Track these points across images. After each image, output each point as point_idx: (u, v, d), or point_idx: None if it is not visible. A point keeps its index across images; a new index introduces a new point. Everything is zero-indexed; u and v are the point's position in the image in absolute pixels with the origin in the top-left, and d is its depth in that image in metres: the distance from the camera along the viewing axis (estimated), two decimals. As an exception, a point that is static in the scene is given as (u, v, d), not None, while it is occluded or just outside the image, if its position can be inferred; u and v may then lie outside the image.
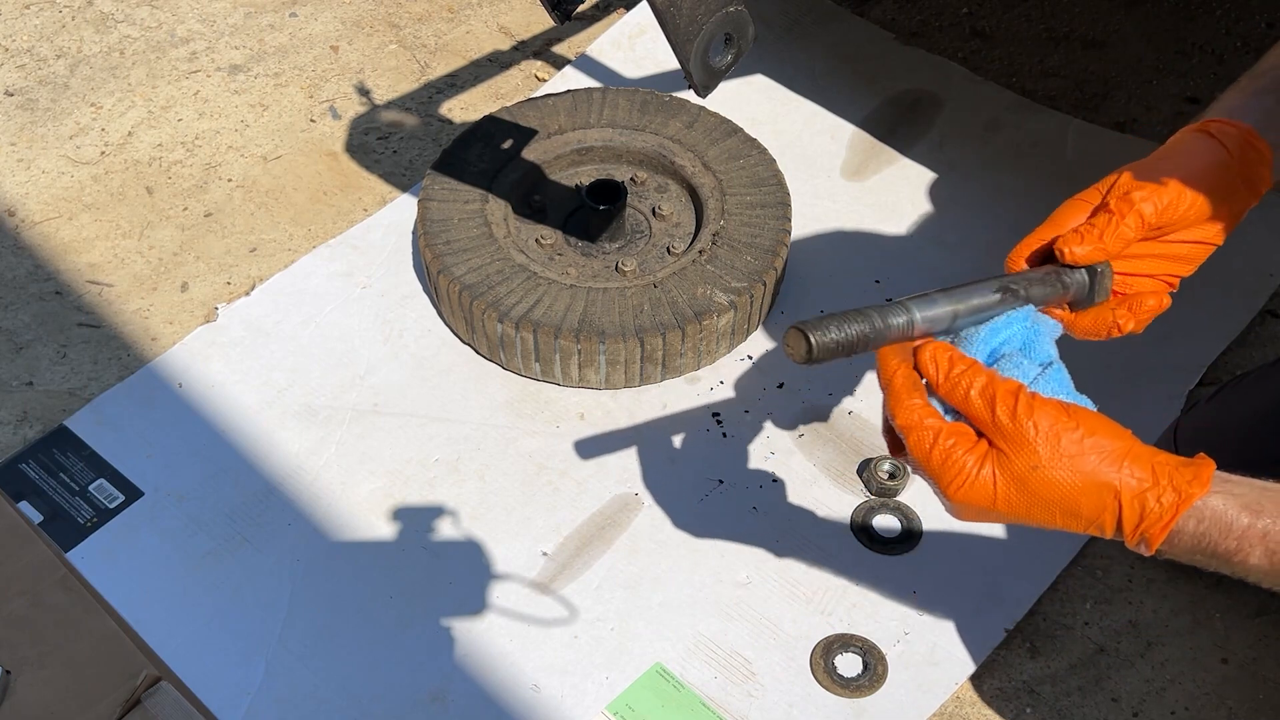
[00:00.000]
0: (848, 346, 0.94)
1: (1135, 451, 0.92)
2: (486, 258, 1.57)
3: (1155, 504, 0.90)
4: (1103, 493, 0.91)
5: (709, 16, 1.19)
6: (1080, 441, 0.91)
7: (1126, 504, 0.91)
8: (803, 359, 0.94)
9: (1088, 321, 1.08)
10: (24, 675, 0.78)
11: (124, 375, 1.59)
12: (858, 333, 0.94)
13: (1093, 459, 0.91)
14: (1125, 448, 0.92)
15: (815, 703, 1.31)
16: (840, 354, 0.94)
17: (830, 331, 0.94)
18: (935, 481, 0.94)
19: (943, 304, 0.98)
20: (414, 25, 2.09)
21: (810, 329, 0.93)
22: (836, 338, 0.94)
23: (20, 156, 1.87)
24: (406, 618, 1.38)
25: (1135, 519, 0.91)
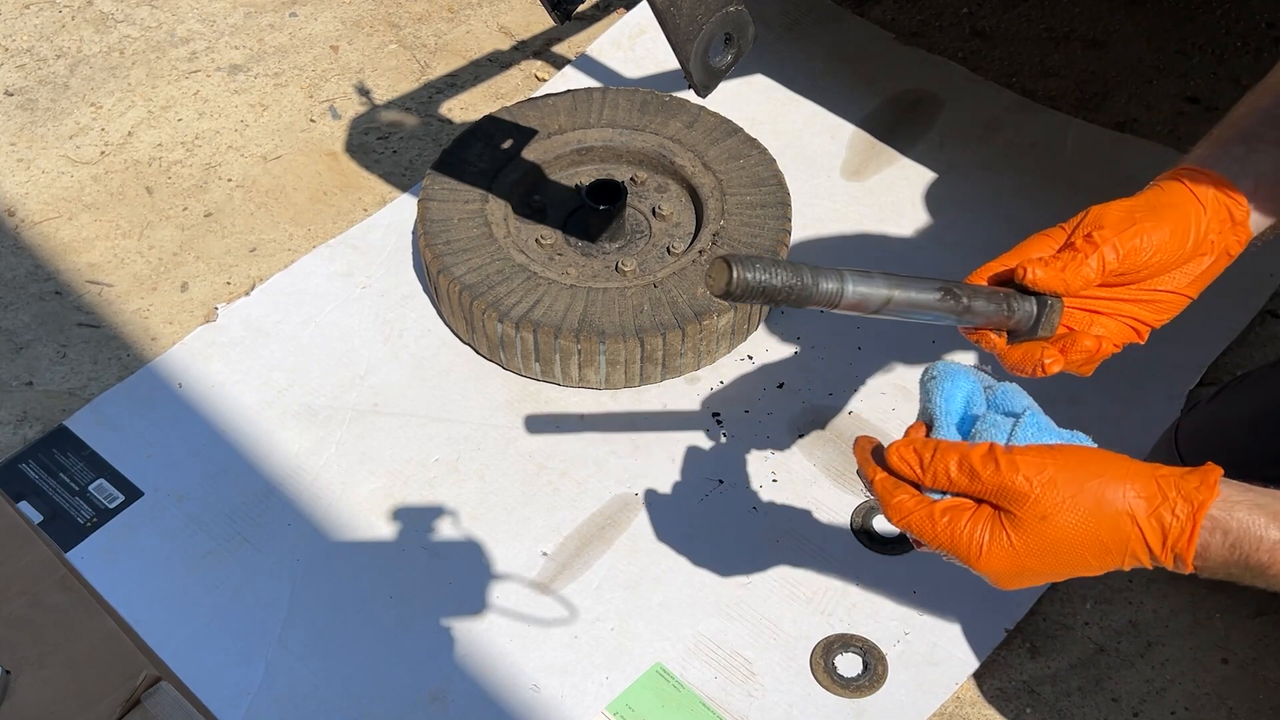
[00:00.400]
0: (770, 292, 0.92)
1: (1133, 470, 0.91)
2: (486, 258, 1.57)
3: (1171, 517, 0.89)
4: (1118, 520, 0.89)
5: (709, 16, 1.19)
6: (1074, 477, 0.90)
7: (1144, 524, 0.89)
8: (720, 291, 0.91)
9: (1018, 355, 1.06)
10: (24, 675, 0.78)
11: (124, 375, 1.59)
12: (783, 282, 0.92)
13: (1093, 490, 0.89)
14: (1121, 470, 0.91)
15: (815, 703, 1.31)
16: (760, 298, 0.92)
17: (756, 271, 0.91)
18: (961, 559, 0.93)
19: (879, 285, 0.97)
20: (414, 25, 2.09)
21: (737, 263, 0.90)
22: (760, 279, 0.91)
23: (20, 156, 1.87)
24: (406, 618, 1.38)
25: (1159, 537, 0.89)
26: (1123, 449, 1.53)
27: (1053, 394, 1.55)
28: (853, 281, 0.95)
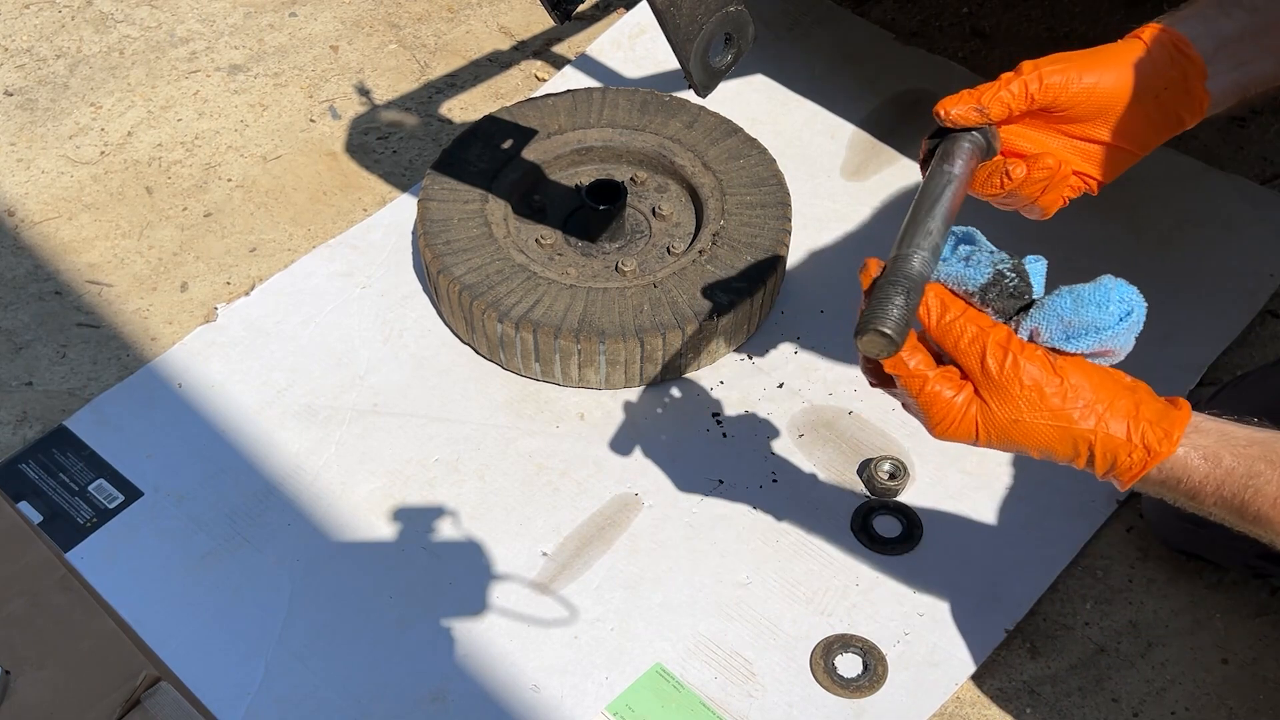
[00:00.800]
0: (909, 316, 0.95)
1: (1115, 405, 0.95)
2: (486, 258, 1.57)
3: (1125, 458, 0.95)
4: (1078, 442, 0.95)
5: (709, 16, 1.19)
6: (1063, 395, 0.94)
7: (1099, 454, 0.95)
8: (891, 353, 0.95)
9: (982, 175, 1.08)
10: (24, 675, 0.78)
11: (124, 375, 1.59)
12: (905, 302, 0.94)
13: (1073, 412, 0.94)
14: (1107, 400, 0.95)
15: (815, 703, 1.31)
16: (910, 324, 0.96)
17: (892, 320, 0.93)
18: (922, 418, 0.98)
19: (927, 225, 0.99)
20: (414, 25, 2.09)
21: (880, 324, 0.93)
22: (904, 314, 0.94)
23: (20, 156, 1.87)
24: (406, 618, 1.38)
25: (1106, 466, 0.96)
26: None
27: (1053, 394, 1.55)
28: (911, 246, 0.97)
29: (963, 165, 1.04)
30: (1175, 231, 1.74)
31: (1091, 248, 1.70)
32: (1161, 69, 1.09)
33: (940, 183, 1.02)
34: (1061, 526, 1.45)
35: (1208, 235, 1.74)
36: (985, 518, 1.46)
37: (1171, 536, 1.41)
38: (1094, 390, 0.95)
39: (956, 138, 1.06)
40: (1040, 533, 1.45)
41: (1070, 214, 1.74)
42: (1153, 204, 1.78)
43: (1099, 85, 1.07)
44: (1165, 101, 1.09)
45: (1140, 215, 1.76)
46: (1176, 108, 1.10)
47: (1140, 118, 1.09)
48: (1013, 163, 1.07)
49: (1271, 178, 1.83)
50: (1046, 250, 1.69)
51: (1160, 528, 1.41)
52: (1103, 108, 1.08)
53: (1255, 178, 1.82)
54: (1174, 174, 1.80)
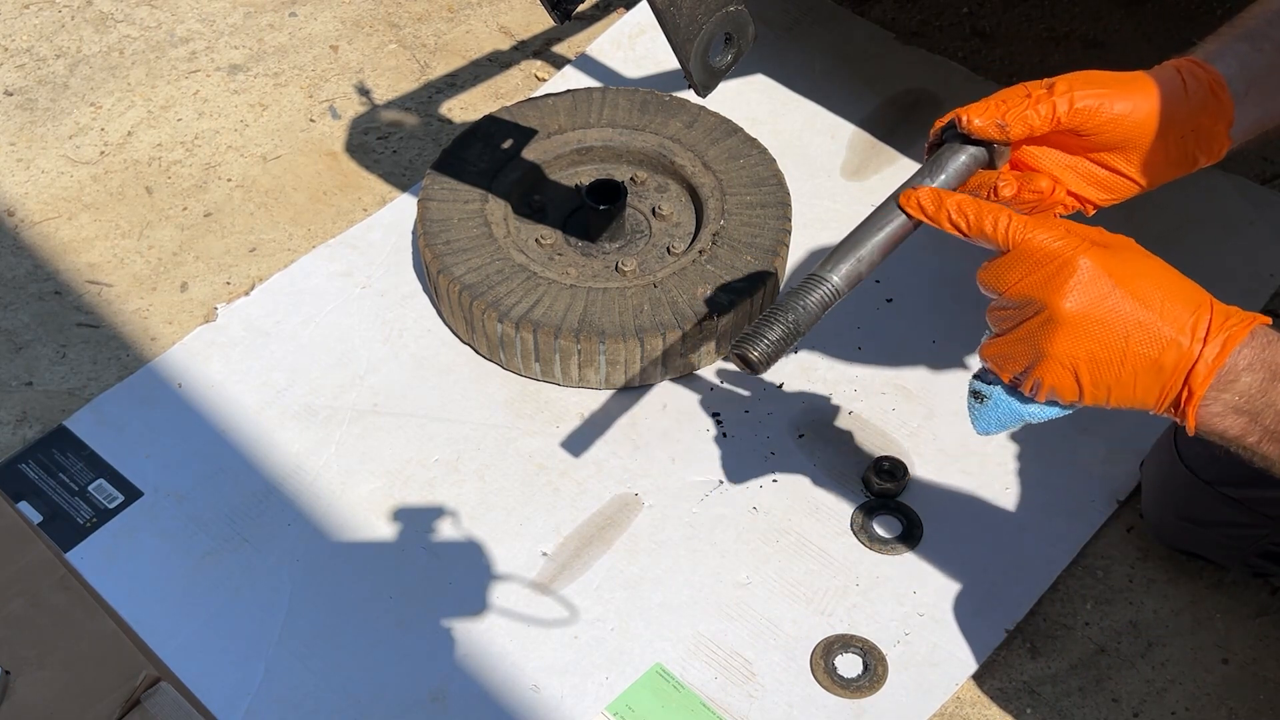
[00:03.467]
0: (785, 341, 1.01)
1: None
2: (486, 258, 1.57)
3: (1238, 315, 0.93)
4: (1199, 292, 0.94)
5: (709, 16, 1.19)
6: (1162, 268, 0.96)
7: (1216, 305, 0.94)
8: (752, 373, 1.02)
9: (971, 182, 1.05)
10: (23, 675, 0.78)
11: (124, 375, 1.59)
12: (784, 330, 1.00)
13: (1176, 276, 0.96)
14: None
15: (815, 703, 1.31)
16: (784, 349, 1.01)
17: (760, 345, 1.00)
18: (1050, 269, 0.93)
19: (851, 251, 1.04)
20: (414, 25, 2.09)
21: (747, 347, 1.00)
22: (769, 349, 1.00)
23: (20, 156, 1.87)
24: (406, 618, 1.38)
25: (1222, 318, 0.93)
26: (1123, 449, 1.53)
27: (1053, 394, 1.55)
28: (832, 271, 1.03)
29: (949, 179, 1.04)
30: (1175, 231, 1.74)
31: (1091, 248, 1.70)
32: (1194, 111, 1.06)
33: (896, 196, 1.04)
34: (1061, 526, 1.45)
35: (1208, 235, 1.74)
36: (985, 518, 1.46)
37: (1171, 536, 1.41)
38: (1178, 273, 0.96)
39: (958, 149, 1.05)
40: (1040, 533, 1.45)
41: (1069, 214, 1.75)
42: (1153, 204, 1.77)
43: (1129, 117, 1.04)
44: (1187, 143, 1.07)
45: (1140, 215, 1.76)
46: (1195, 150, 1.09)
47: (1159, 155, 1.07)
48: (1004, 180, 1.03)
49: (1271, 178, 1.83)
50: (1046, 250, 1.69)
51: (1160, 528, 1.41)
52: (1126, 139, 1.05)
53: (1255, 178, 1.82)
54: (1174, 174, 1.80)
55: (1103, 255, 0.93)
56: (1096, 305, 0.92)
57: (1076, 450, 1.51)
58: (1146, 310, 0.92)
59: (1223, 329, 0.92)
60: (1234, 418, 0.94)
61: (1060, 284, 0.93)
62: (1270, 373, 0.92)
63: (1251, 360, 0.92)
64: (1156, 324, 0.92)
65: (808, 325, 1.01)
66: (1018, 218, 0.96)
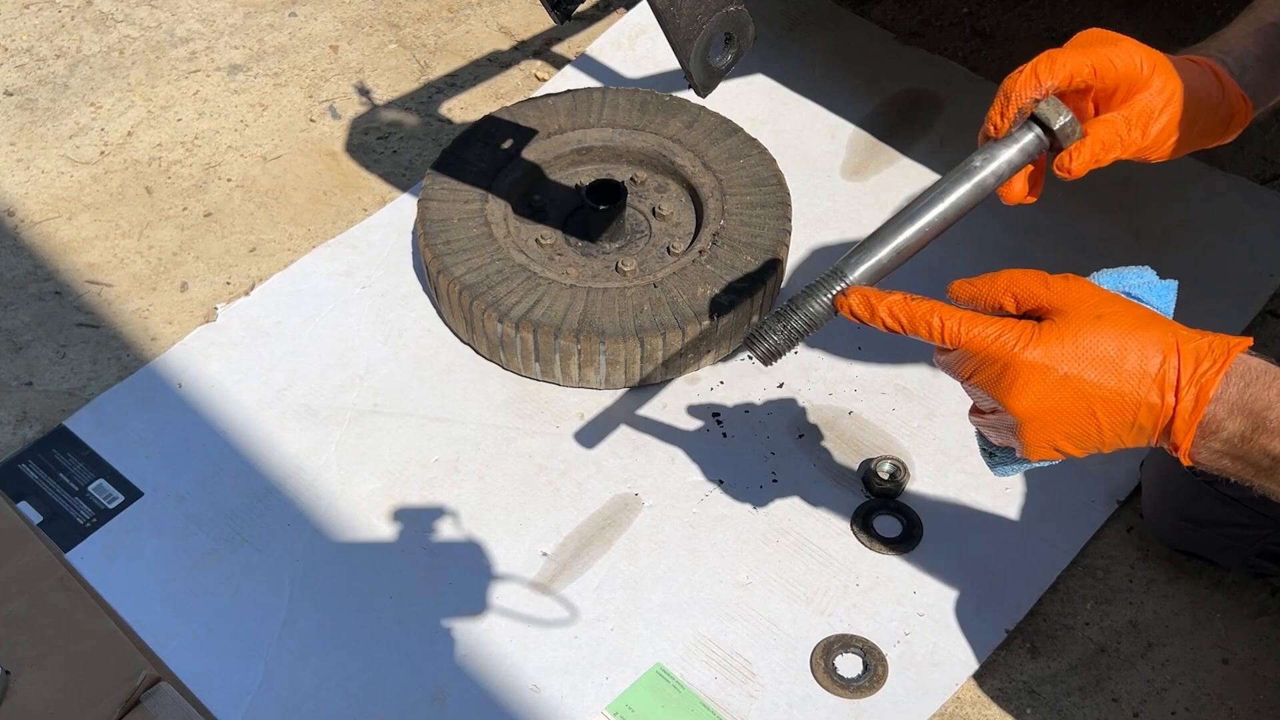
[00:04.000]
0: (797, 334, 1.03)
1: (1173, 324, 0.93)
2: (486, 258, 1.57)
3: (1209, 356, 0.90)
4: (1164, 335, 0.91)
5: (709, 16, 1.19)
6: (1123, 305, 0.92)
7: (1182, 349, 0.91)
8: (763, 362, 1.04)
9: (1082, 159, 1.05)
10: (23, 675, 0.78)
11: (124, 375, 1.59)
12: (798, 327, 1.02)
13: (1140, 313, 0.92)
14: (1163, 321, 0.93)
15: (815, 703, 1.31)
16: (796, 341, 1.03)
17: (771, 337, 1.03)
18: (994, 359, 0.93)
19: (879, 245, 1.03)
20: (414, 25, 2.09)
21: (750, 342, 1.03)
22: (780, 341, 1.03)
23: (20, 156, 1.87)
24: (406, 618, 1.38)
25: (1191, 366, 0.90)
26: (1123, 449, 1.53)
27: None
28: (852, 269, 1.02)
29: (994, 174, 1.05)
30: (1175, 231, 1.74)
31: (1091, 248, 1.70)
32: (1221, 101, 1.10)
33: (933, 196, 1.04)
34: (1061, 526, 1.45)
35: (1208, 235, 1.74)
36: (985, 518, 1.46)
37: (1171, 536, 1.40)
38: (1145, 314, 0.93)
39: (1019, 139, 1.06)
40: (1040, 533, 1.45)
41: (1070, 214, 1.75)
42: (1153, 204, 1.78)
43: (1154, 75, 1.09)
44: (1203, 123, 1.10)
45: (1140, 215, 1.76)
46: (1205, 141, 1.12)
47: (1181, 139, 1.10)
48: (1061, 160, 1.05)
49: (1271, 178, 1.83)
50: (1046, 250, 1.70)
51: (1160, 528, 1.41)
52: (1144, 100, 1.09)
53: (1255, 178, 1.82)
54: (1174, 174, 1.80)
55: (1046, 338, 0.91)
56: (1050, 397, 0.92)
57: (1076, 450, 1.51)
58: (1107, 377, 0.91)
59: (1194, 380, 0.90)
60: (1227, 461, 0.93)
61: (1008, 387, 0.92)
62: (1253, 421, 0.90)
63: (1232, 407, 0.90)
64: (1120, 390, 0.91)
65: (821, 322, 1.03)
66: (951, 317, 0.94)
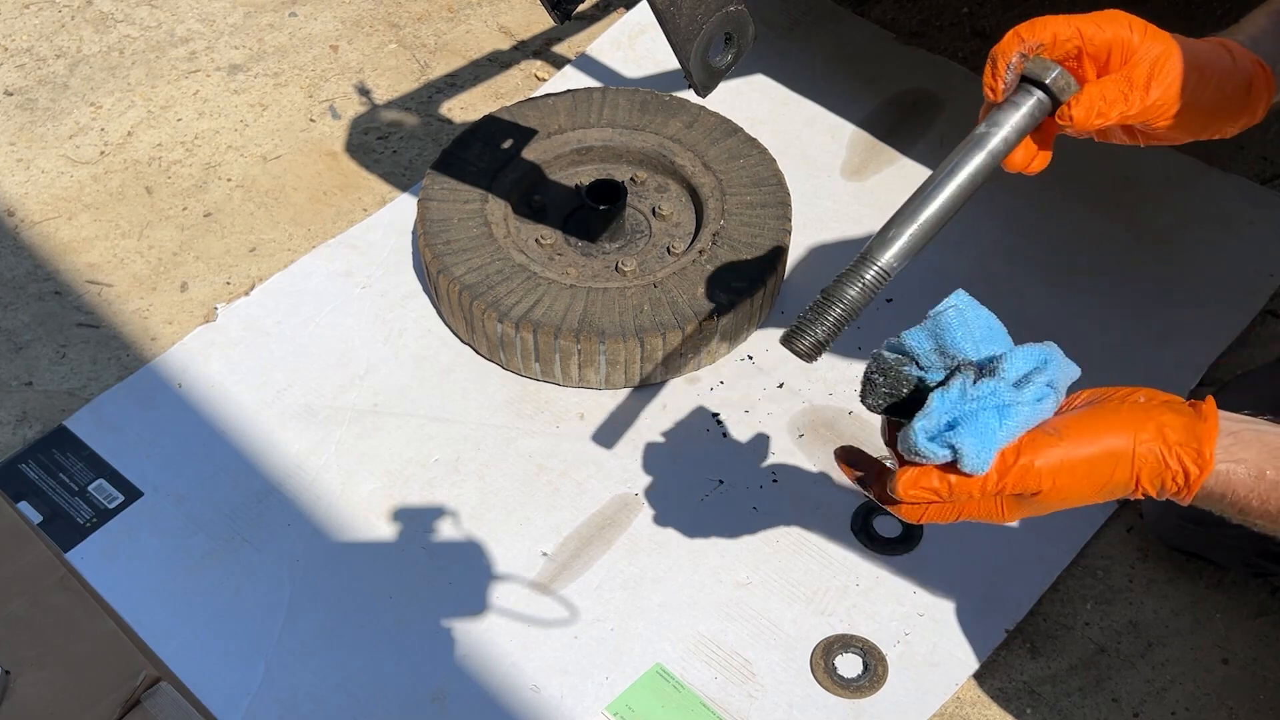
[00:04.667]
0: (835, 331, 0.98)
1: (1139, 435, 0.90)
2: (486, 258, 1.57)
3: (1171, 483, 0.92)
4: (1126, 479, 0.91)
5: (709, 16, 1.19)
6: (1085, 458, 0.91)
7: (1147, 483, 0.92)
8: (806, 361, 0.98)
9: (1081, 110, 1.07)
10: (23, 675, 0.78)
11: (123, 375, 1.59)
12: (837, 316, 0.98)
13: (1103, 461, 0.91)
14: (1128, 433, 0.90)
15: (815, 703, 1.31)
16: (836, 336, 0.98)
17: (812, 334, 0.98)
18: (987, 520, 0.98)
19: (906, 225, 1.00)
20: (414, 25, 2.09)
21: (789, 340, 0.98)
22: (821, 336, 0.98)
23: (20, 156, 1.87)
24: (406, 618, 1.38)
25: (1156, 490, 0.93)
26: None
27: (1053, 394, 1.55)
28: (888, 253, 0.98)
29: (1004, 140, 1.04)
30: (1175, 231, 1.74)
31: (1091, 248, 1.70)
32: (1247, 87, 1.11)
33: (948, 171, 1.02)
34: (1061, 526, 1.45)
35: (1208, 235, 1.74)
36: (985, 518, 1.46)
37: (1171, 536, 1.41)
38: (1108, 428, 0.90)
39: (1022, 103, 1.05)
40: (1040, 533, 1.44)
41: (1070, 214, 1.75)
42: (1153, 204, 1.78)
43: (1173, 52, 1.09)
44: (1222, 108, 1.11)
45: (1140, 215, 1.76)
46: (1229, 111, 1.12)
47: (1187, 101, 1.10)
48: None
49: (1271, 178, 1.83)
50: (1047, 250, 1.70)
51: (1160, 528, 1.41)
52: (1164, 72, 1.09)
53: (1255, 178, 1.82)
54: (1174, 174, 1.80)
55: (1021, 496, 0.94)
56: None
57: (1076, 450, 1.51)
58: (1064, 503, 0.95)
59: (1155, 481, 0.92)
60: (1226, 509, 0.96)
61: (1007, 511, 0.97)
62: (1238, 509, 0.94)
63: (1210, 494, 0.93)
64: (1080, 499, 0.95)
65: (859, 309, 0.98)
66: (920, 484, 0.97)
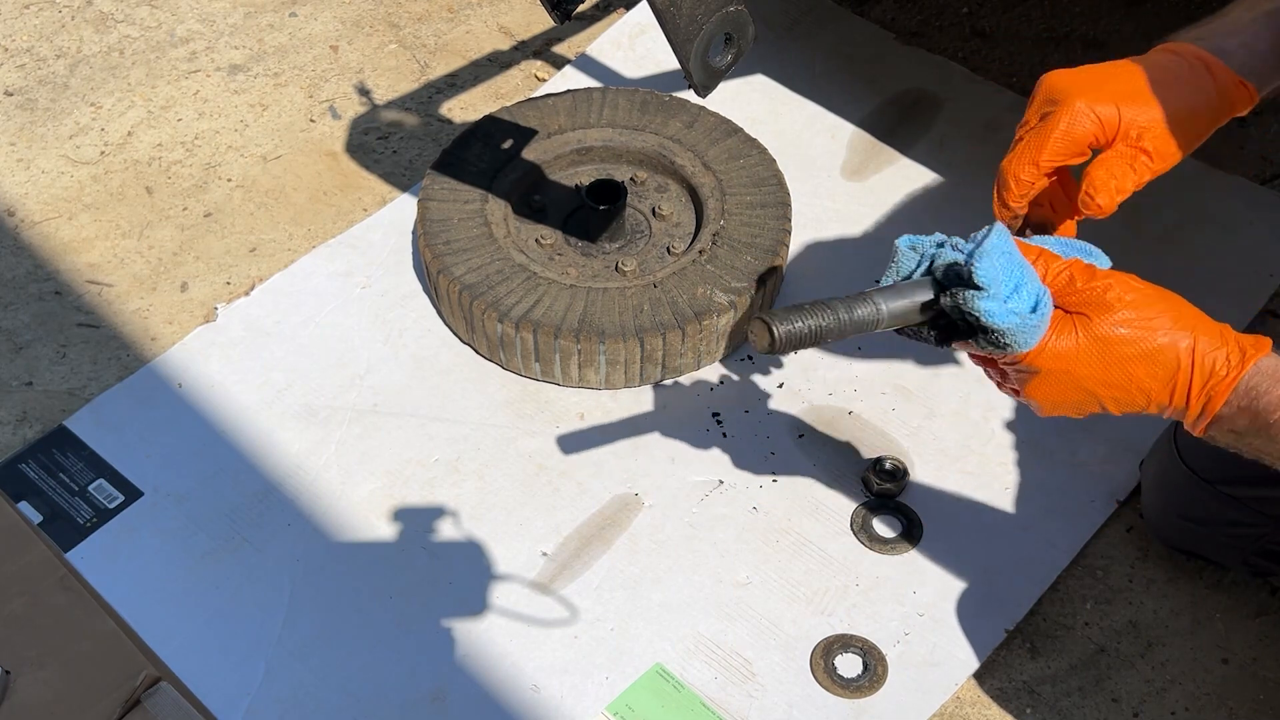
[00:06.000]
0: (811, 338, 0.99)
1: (1201, 321, 0.99)
2: (486, 258, 1.57)
3: (1224, 363, 0.96)
4: (1176, 350, 0.97)
5: (709, 16, 1.19)
6: (1153, 307, 0.97)
7: (1199, 358, 0.97)
8: (765, 349, 0.99)
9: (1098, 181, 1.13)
10: (24, 675, 0.78)
11: (124, 375, 1.59)
12: (820, 325, 0.99)
13: (1165, 319, 0.97)
14: (1191, 316, 0.98)
15: (815, 703, 1.31)
16: (804, 345, 0.99)
17: (794, 322, 0.98)
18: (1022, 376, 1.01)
19: (908, 296, 1.02)
20: (414, 25, 2.09)
21: (775, 320, 0.97)
22: (800, 329, 0.98)
23: (20, 156, 1.87)
24: (406, 618, 1.38)
25: (1204, 375, 0.97)
26: (1122, 449, 1.53)
27: (1053, 394, 1.55)
28: (884, 301, 1.01)
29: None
30: (1175, 231, 1.74)
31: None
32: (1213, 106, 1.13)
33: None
34: (1061, 526, 1.45)
35: (1208, 235, 1.74)
36: (985, 518, 1.46)
37: (1171, 536, 1.41)
38: (1176, 305, 0.98)
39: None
40: (1040, 533, 1.45)
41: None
42: (1152, 204, 1.77)
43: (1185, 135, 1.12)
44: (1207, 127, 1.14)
45: (1140, 215, 1.76)
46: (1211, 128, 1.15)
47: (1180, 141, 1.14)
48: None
49: (1271, 178, 1.83)
50: (1046, 250, 1.69)
51: (1160, 528, 1.41)
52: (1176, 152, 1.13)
53: (1255, 178, 1.82)
54: (1174, 174, 1.79)
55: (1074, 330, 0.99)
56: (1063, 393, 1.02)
57: (1076, 450, 1.51)
58: (1119, 382, 1.00)
59: (1204, 392, 0.98)
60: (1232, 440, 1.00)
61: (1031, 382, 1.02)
62: (1255, 420, 0.97)
63: (1238, 409, 0.97)
64: (1130, 396, 1.01)
65: (839, 333, 1.01)
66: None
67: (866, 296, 1.01)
